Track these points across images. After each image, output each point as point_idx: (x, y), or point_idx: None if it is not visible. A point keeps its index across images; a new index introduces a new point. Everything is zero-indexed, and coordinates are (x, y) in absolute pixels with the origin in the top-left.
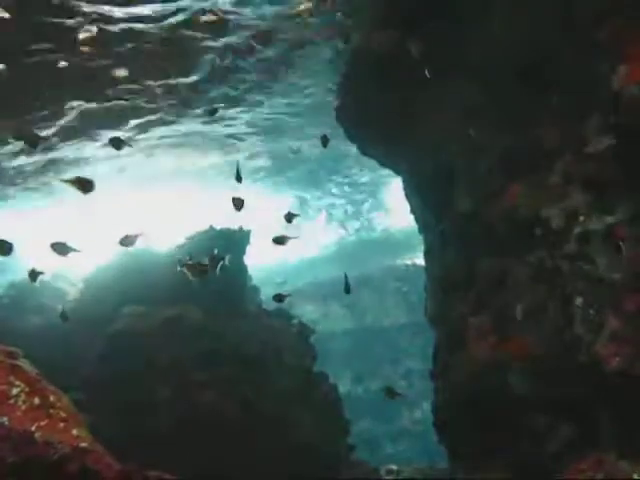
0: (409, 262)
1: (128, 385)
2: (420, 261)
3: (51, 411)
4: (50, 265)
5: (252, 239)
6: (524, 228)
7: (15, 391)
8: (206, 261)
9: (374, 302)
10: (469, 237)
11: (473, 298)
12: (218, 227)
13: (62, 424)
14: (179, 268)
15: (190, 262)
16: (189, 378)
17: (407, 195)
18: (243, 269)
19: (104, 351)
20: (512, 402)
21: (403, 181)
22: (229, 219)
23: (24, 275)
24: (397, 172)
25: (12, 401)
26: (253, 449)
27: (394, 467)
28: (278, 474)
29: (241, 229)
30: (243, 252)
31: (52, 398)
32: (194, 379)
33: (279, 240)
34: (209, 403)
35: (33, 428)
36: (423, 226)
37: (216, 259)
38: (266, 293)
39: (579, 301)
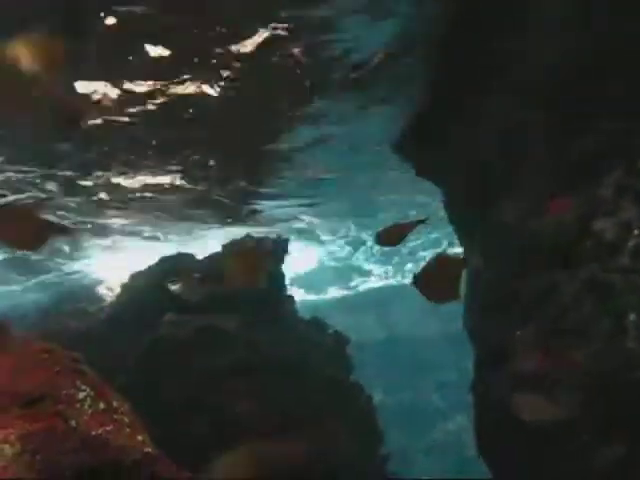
0: None
1: (165, 393)
2: None
3: (115, 416)
4: (89, 270)
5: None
6: (574, 241)
7: (81, 395)
8: None
9: (405, 312)
10: (513, 250)
11: (518, 312)
12: (255, 236)
13: (128, 429)
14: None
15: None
16: (225, 387)
17: (447, 207)
18: (280, 277)
19: (143, 358)
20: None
21: (443, 193)
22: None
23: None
24: (437, 183)
25: (79, 405)
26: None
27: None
28: None
29: (279, 237)
30: (281, 260)
31: (115, 403)
32: (230, 388)
33: None
34: (245, 412)
35: (101, 432)
36: (463, 239)
37: None
38: None
39: (632, 316)
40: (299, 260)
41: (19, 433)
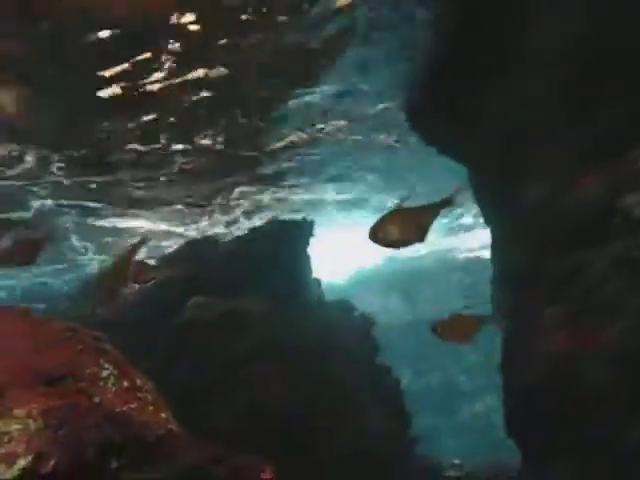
0: (470, 254)
1: (193, 376)
2: (480, 253)
3: (139, 394)
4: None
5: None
6: (602, 218)
7: (105, 373)
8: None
9: (433, 294)
10: (540, 228)
11: (546, 291)
12: (281, 218)
13: (151, 407)
14: None
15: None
16: (253, 370)
17: (473, 186)
18: (306, 260)
19: (170, 342)
20: (588, 396)
21: (469, 171)
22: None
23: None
24: (462, 162)
25: (102, 383)
26: (318, 441)
27: (457, 461)
28: (343, 466)
29: (304, 220)
30: (306, 243)
31: (139, 381)
32: (258, 371)
33: None
34: (273, 395)
35: (125, 409)
36: (489, 218)
37: None
38: None
39: None
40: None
41: (42, 408)
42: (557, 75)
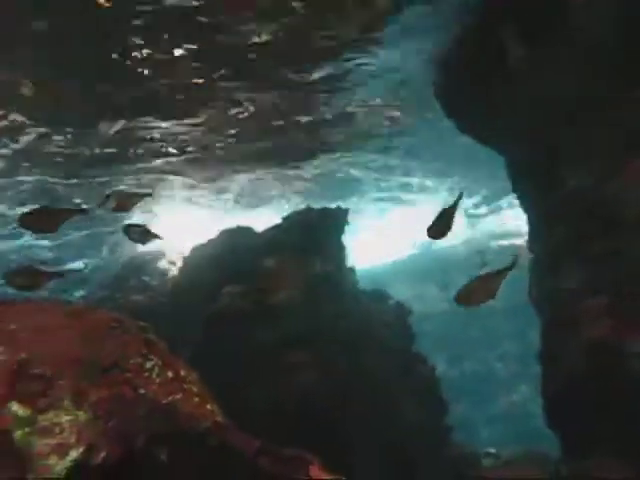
0: (504, 242)
1: (229, 364)
2: (517, 241)
3: (184, 385)
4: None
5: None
6: None
7: (149, 364)
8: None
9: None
10: (580, 215)
11: (586, 279)
12: (315, 207)
13: (196, 399)
14: None
15: None
16: (288, 359)
17: (510, 173)
18: (341, 249)
19: (205, 330)
20: (630, 385)
21: (506, 159)
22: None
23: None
24: (499, 150)
25: (147, 374)
26: (353, 430)
27: (492, 450)
28: (379, 455)
29: (339, 208)
30: (341, 231)
31: (183, 372)
32: (293, 360)
33: None
34: (308, 384)
35: (170, 400)
36: (527, 205)
37: None
38: None
39: None
40: None
41: (91, 400)
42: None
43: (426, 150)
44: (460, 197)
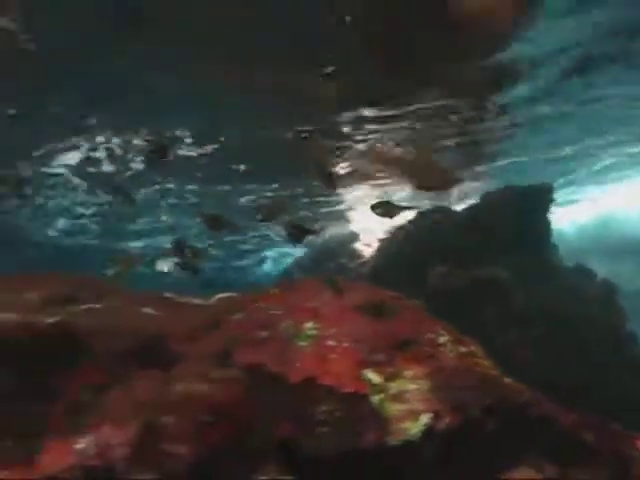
0: None
1: None
2: None
3: (478, 360)
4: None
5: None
6: None
7: (442, 340)
8: None
9: None
10: None
11: None
12: (515, 185)
13: (493, 372)
14: None
15: None
16: (507, 337)
17: None
18: (547, 227)
19: None
20: None
21: None
22: None
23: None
24: None
25: (441, 349)
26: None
27: None
28: None
29: (542, 185)
30: (546, 210)
31: (472, 347)
32: (506, 339)
33: None
34: (522, 363)
35: (487, 373)
36: None
37: None
38: None
39: None
40: None
41: (425, 371)
42: None
43: None
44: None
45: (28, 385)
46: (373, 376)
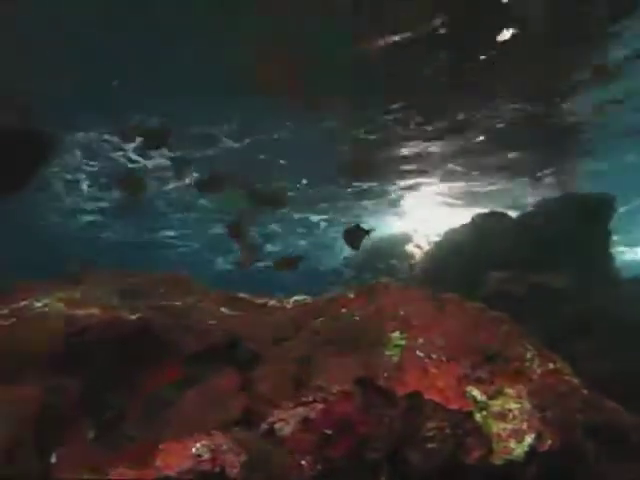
0: None
1: None
2: None
3: (566, 377)
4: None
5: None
6: None
7: (529, 355)
8: None
9: None
10: None
11: None
12: (576, 193)
13: (584, 391)
14: None
15: None
16: (572, 344)
17: None
18: (606, 236)
19: None
20: None
21: None
22: None
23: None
24: None
25: (528, 364)
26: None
27: None
28: None
29: (603, 195)
30: (607, 219)
31: (559, 364)
32: (571, 348)
33: None
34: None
35: (589, 394)
36: None
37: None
38: None
39: None
40: None
41: (528, 389)
42: None
43: None
44: None
45: (112, 381)
46: (477, 393)
